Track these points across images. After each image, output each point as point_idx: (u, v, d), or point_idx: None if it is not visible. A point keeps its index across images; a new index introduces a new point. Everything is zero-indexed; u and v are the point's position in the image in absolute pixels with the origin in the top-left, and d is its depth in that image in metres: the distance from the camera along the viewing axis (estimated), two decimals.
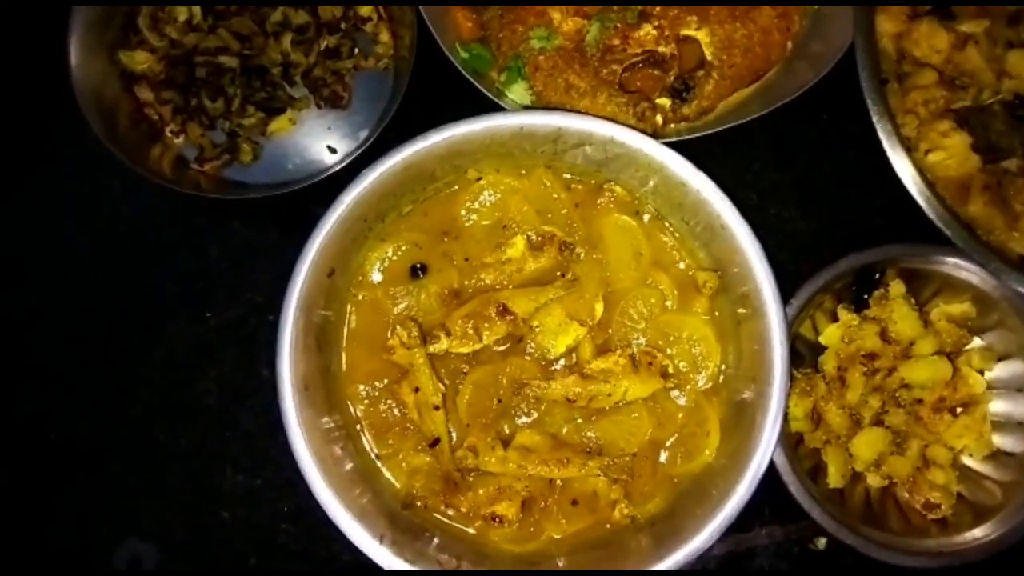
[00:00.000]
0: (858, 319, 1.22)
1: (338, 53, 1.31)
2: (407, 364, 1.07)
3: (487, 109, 1.13)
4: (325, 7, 1.30)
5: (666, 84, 1.25)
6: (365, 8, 1.33)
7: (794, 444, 1.20)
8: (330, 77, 1.31)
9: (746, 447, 1.03)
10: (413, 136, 1.05)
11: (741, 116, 1.21)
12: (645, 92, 1.24)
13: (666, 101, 1.25)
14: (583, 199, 1.14)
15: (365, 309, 1.11)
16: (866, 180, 1.31)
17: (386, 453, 1.09)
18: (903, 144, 1.10)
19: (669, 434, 1.10)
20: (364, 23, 1.33)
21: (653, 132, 1.20)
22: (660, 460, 1.10)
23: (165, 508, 1.25)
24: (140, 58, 1.28)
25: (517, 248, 1.11)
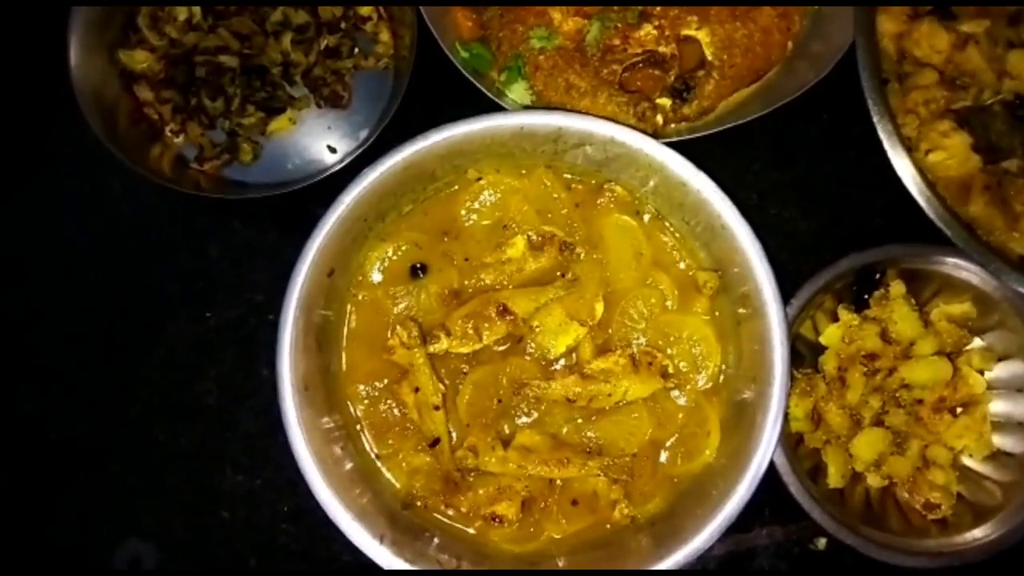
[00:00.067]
0: (858, 319, 1.22)
1: (338, 53, 1.31)
2: (407, 364, 1.07)
3: (487, 109, 1.12)
4: (325, 7, 1.30)
5: (666, 84, 1.25)
6: (365, 8, 1.33)
7: (794, 444, 1.20)
8: (330, 77, 1.31)
9: (746, 447, 1.03)
10: (413, 136, 1.05)
11: (741, 116, 1.21)
12: (645, 92, 1.24)
13: (666, 101, 1.25)
14: (583, 199, 1.14)
15: (365, 309, 1.11)
16: (866, 180, 1.31)
17: (386, 453, 1.09)
18: (903, 144, 1.10)
19: (669, 434, 1.10)
20: (364, 23, 1.33)
21: (653, 132, 1.20)
22: (660, 460, 1.10)
23: (165, 508, 1.25)
24: (140, 57, 1.28)
25: (517, 248, 1.10)
